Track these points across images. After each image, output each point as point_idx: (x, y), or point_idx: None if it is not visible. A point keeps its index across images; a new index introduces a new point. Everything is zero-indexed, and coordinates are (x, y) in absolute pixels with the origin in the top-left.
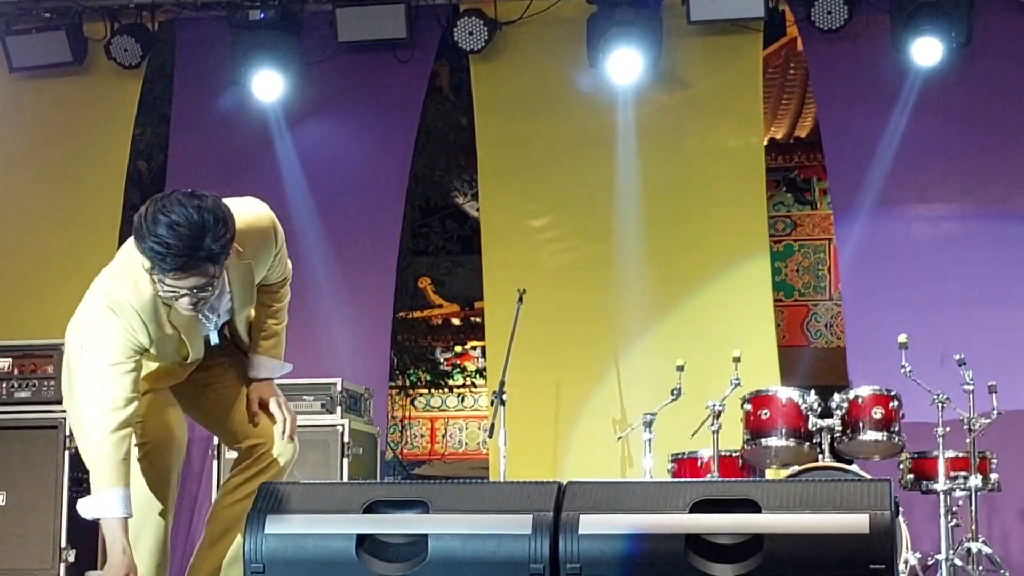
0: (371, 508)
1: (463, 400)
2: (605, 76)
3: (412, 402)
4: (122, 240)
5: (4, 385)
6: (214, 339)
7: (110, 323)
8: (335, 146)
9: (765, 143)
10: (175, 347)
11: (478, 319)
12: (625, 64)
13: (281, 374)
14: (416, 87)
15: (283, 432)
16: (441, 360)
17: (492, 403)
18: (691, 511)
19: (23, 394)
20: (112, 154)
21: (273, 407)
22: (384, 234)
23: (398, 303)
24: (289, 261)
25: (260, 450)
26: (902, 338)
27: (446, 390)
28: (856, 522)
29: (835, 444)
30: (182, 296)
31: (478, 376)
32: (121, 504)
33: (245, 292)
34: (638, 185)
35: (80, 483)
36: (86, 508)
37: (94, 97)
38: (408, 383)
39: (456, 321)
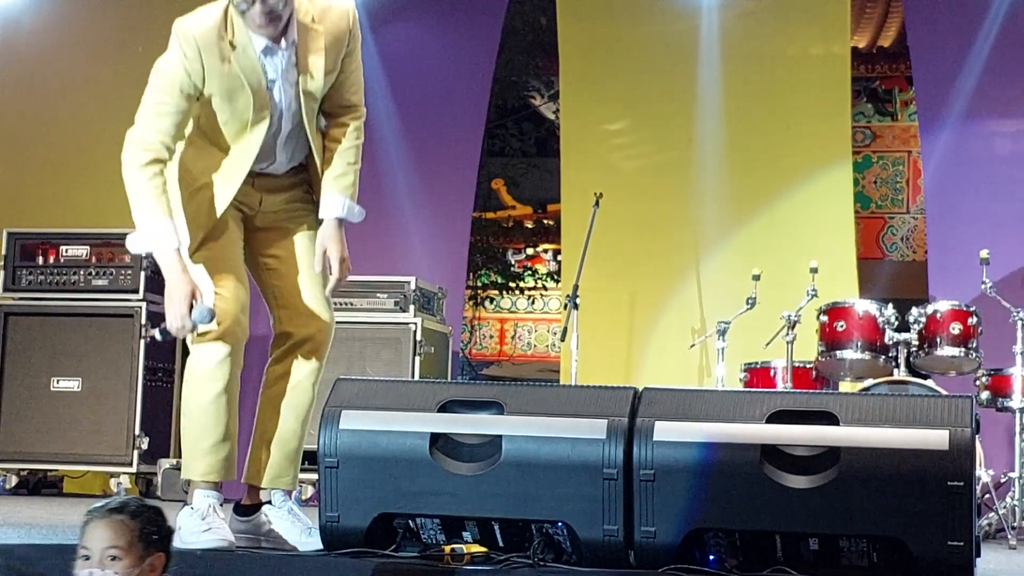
0: (446, 407)
1: (533, 302)
2: None
3: (482, 303)
4: None
5: (82, 273)
6: (287, 123)
7: (168, 59)
8: (417, 46)
9: None
10: (239, 100)
11: (551, 221)
12: None
13: (354, 218)
14: None
15: (328, 288)
16: (512, 262)
17: (565, 306)
18: (768, 421)
19: (100, 282)
20: None
21: (333, 258)
22: (466, 136)
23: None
24: (363, 104)
25: (295, 338)
26: (984, 253)
27: (517, 292)
28: (936, 438)
29: (911, 359)
30: (254, 3)
31: (549, 279)
32: (170, 234)
33: (314, 72)
34: (719, 91)
35: (155, 372)
36: (136, 243)
37: None
38: (479, 284)
39: (529, 223)
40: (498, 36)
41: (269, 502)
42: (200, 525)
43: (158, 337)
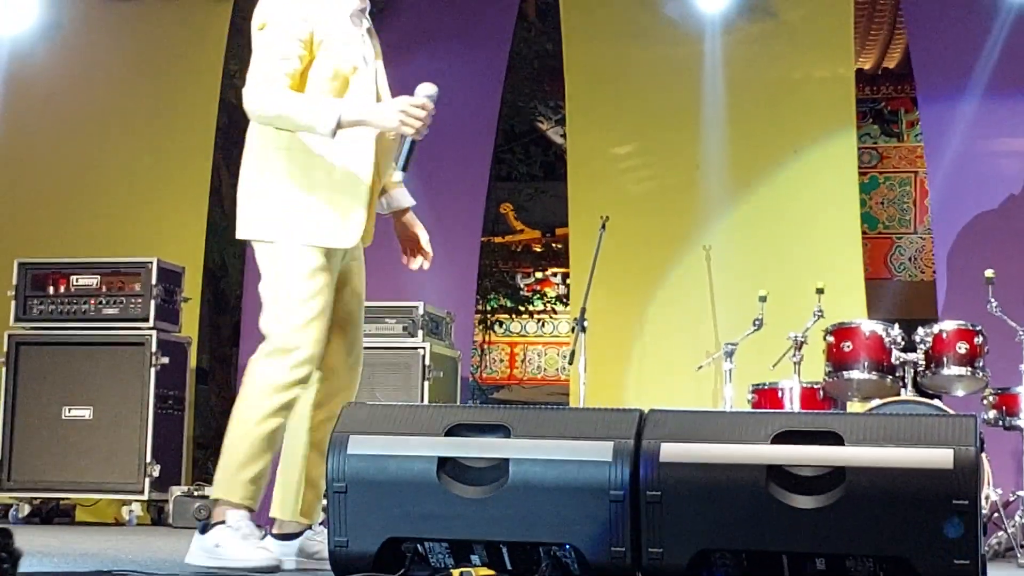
0: (453, 431)
1: (543, 326)
2: (693, 4)
3: (492, 327)
4: (221, 166)
5: (92, 302)
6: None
7: (273, 17)
8: (424, 73)
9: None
10: (341, 44)
11: (559, 245)
12: None
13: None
14: (507, 17)
15: (426, 266)
16: (521, 286)
17: (573, 330)
18: (773, 442)
19: (111, 311)
20: (204, 79)
21: (426, 240)
22: (474, 163)
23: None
24: None
25: (342, 386)
26: (989, 273)
27: (526, 315)
28: (940, 457)
29: (918, 378)
30: None
31: (558, 302)
32: (336, 101)
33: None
34: (725, 114)
35: (166, 399)
36: (324, 124)
37: (185, 22)
38: (488, 308)
39: (537, 247)
40: (505, 62)
41: (309, 527)
42: (248, 543)
43: (401, 174)
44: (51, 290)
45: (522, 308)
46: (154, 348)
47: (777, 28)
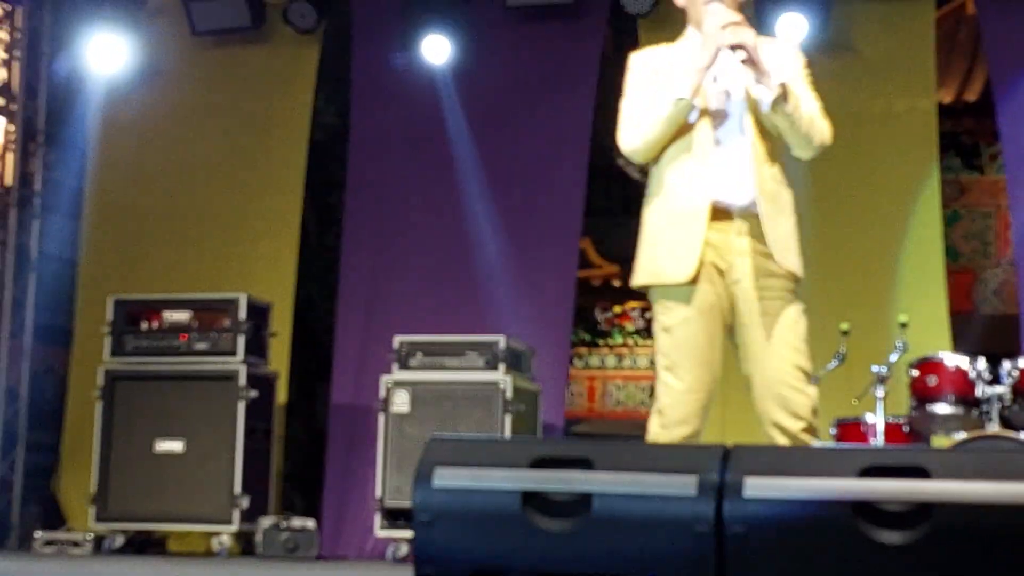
0: (537, 464)
1: (622, 360)
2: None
3: (571, 361)
4: (305, 204)
5: (184, 337)
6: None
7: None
8: (506, 112)
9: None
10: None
11: None
12: (791, 28)
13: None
14: (590, 55)
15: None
16: (600, 320)
17: (653, 364)
18: (860, 476)
19: (202, 345)
20: (294, 119)
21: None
22: (566, 201)
23: None
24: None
25: None
26: None
27: (605, 349)
28: None
29: (1004, 412)
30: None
31: (637, 336)
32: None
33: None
34: None
35: (255, 431)
36: (682, 92)
37: (273, 63)
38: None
39: (616, 282)
40: (592, 101)
41: None
42: None
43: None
44: (144, 326)
45: (600, 342)
46: (243, 382)
47: (856, 62)
